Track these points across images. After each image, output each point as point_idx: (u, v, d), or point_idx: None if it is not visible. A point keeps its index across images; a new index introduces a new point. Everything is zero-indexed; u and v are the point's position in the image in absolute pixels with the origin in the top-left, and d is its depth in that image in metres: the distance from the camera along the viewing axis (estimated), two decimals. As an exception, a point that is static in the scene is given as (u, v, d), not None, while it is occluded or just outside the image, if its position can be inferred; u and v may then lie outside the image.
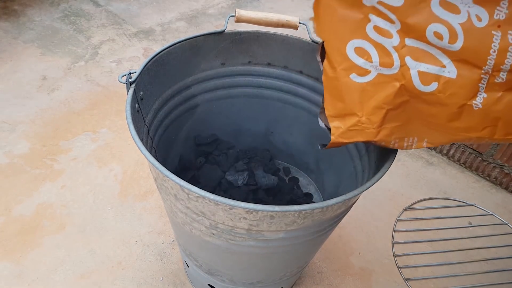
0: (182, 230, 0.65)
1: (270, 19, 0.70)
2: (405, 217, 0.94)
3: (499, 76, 0.43)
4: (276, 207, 0.48)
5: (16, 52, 1.47)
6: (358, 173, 0.75)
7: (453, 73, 0.46)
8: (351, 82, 0.52)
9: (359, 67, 0.51)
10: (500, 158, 1.14)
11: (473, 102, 0.46)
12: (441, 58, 0.46)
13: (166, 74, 0.72)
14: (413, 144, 0.54)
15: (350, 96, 0.52)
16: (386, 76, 0.50)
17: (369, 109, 0.52)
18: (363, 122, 0.53)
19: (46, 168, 1.09)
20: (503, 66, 0.42)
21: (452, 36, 0.44)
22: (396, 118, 0.52)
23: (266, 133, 0.97)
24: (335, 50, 0.51)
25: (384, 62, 0.49)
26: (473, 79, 0.45)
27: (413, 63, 0.47)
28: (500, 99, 0.45)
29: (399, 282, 0.92)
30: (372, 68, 0.50)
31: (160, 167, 0.49)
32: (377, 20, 0.48)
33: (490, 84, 0.44)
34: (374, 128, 0.53)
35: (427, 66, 0.47)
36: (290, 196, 0.90)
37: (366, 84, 0.51)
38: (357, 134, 0.54)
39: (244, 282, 0.73)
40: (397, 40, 0.47)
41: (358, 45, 0.50)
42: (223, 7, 1.91)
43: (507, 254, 0.94)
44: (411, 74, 0.48)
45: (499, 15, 0.41)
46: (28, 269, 0.87)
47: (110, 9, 1.78)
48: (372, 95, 0.51)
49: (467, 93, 0.46)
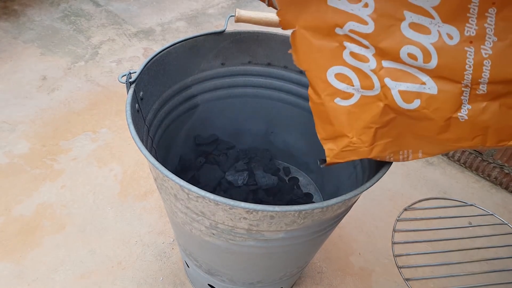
0: (182, 230, 0.65)
1: (270, 19, 0.70)
2: (405, 217, 0.94)
3: (480, 88, 0.44)
4: (276, 207, 0.48)
5: (16, 52, 1.47)
6: (358, 173, 0.75)
7: (433, 89, 0.46)
8: (337, 106, 0.53)
9: (342, 92, 0.52)
10: (500, 158, 1.14)
11: (459, 114, 0.46)
12: (419, 76, 0.46)
13: (166, 74, 0.72)
14: (409, 156, 0.55)
15: (338, 119, 0.54)
16: (369, 97, 0.51)
17: (358, 129, 0.53)
18: (355, 142, 0.54)
19: (46, 168, 1.09)
20: (481, 79, 0.43)
21: (426, 56, 0.44)
22: (387, 135, 0.53)
23: (266, 133, 0.97)
24: (316, 78, 0.52)
25: (365, 85, 0.50)
26: (455, 93, 0.45)
27: (393, 84, 0.48)
28: (486, 109, 0.45)
29: (399, 282, 0.92)
30: (355, 91, 0.51)
31: (160, 167, 0.49)
32: (352, 46, 0.49)
33: (473, 96, 0.45)
34: (366, 147, 0.54)
35: (407, 85, 0.47)
36: (290, 196, 0.90)
37: (351, 106, 0.52)
38: (351, 153, 0.55)
39: (244, 282, 0.73)
40: (374, 64, 0.48)
41: (338, 71, 0.51)
42: (223, 7, 1.91)
43: (507, 254, 0.94)
44: (392, 93, 0.48)
45: (470, 32, 0.41)
46: (28, 269, 0.87)
47: (110, 9, 1.78)
48: (359, 116, 0.52)
49: (451, 107, 0.46)
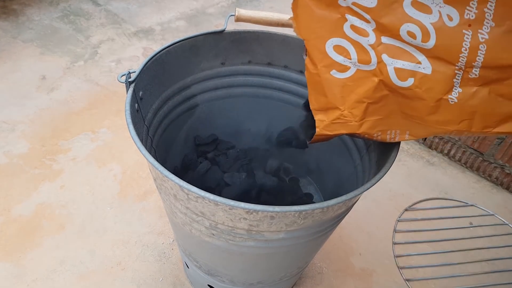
0: (182, 230, 0.65)
1: (270, 19, 0.70)
2: (405, 217, 0.94)
3: (472, 72, 0.45)
4: (276, 207, 0.47)
5: (15, 52, 1.47)
6: (358, 173, 0.75)
7: (428, 69, 0.47)
8: (332, 78, 0.54)
9: (339, 64, 0.52)
10: (501, 158, 1.13)
11: (449, 96, 0.47)
12: (416, 55, 0.47)
13: (165, 73, 0.72)
14: (396, 137, 0.56)
15: (331, 91, 0.54)
16: (365, 72, 0.52)
17: (350, 103, 0.54)
18: (346, 115, 0.55)
19: (45, 168, 1.08)
20: (474, 63, 0.44)
21: (424, 35, 0.45)
22: (377, 112, 0.54)
23: (266, 133, 0.97)
24: (315, 48, 0.53)
25: (362, 59, 0.51)
26: (448, 74, 0.46)
27: (390, 60, 0.49)
28: (475, 94, 0.46)
29: (400, 282, 0.91)
30: (351, 64, 0.52)
31: (160, 167, 0.49)
32: (353, 19, 0.49)
33: (465, 80, 0.46)
34: (356, 121, 0.55)
35: (403, 63, 0.48)
36: (290, 196, 0.90)
37: (346, 79, 0.53)
38: (341, 126, 0.56)
39: (244, 283, 0.73)
40: (373, 39, 0.49)
41: (337, 43, 0.52)
42: (223, 6, 1.91)
43: (508, 254, 0.94)
44: (388, 70, 0.49)
45: (469, 15, 0.42)
46: (28, 269, 0.87)
47: (109, 9, 1.78)
48: (353, 90, 0.53)
49: (443, 88, 0.47)
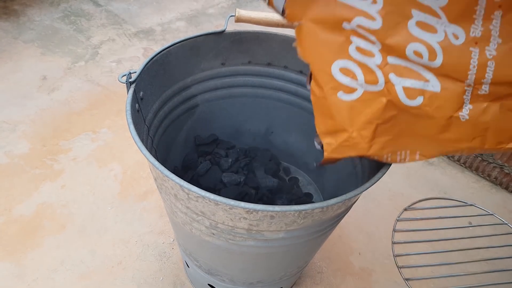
0: (182, 230, 0.65)
1: (270, 19, 0.70)
2: (405, 217, 0.94)
3: (482, 88, 0.45)
4: (276, 207, 0.48)
5: (16, 52, 1.47)
6: (358, 173, 0.75)
7: (437, 87, 0.47)
8: (339, 100, 0.53)
9: (345, 86, 0.52)
10: (500, 158, 1.13)
11: (460, 113, 0.47)
12: (423, 73, 0.47)
13: (166, 74, 0.72)
14: (406, 158, 0.55)
15: (339, 113, 0.53)
16: (373, 93, 0.51)
17: (359, 124, 0.53)
18: (354, 137, 0.54)
19: (46, 168, 1.09)
20: (484, 79, 0.44)
21: (431, 54, 0.45)
22: (387, 132, 0.53)
23: (266, 133, 0.97)
24: (320, 71, 0.52)
25: (369, 80, 0.50)
26: (457, 92, 0.46)
27: (397, 79, 0.48)
28: (486, 110, 0.46)
29: (399, 282, 0.92)
30: (358, 86, 0.51)
31: (160, 167, 0.49)
32: (358, 41, 0.49)
33: (475, 96, 0.46)
34: (365, 143, 0.54)
35: (411, 82, 0.48)
36: (290, 196, 0.90)
37: (354, 101, 0.52)
38: (349, 149, 0.55)
39: (244, 282, 0.73)
40: (379, 59, 0.49)
41: (343, 66, 0.51)
42: (223, 7, 1.91)
43: (507, 254, 0.94)
44: (396, 89, 0.49)
45: (475, 32, 0.42)
46: (28, 269, 0.87)
47: (110, 9, 1.78)
48: (361, 111, 0.52)
49: (453, 106, 0.47)
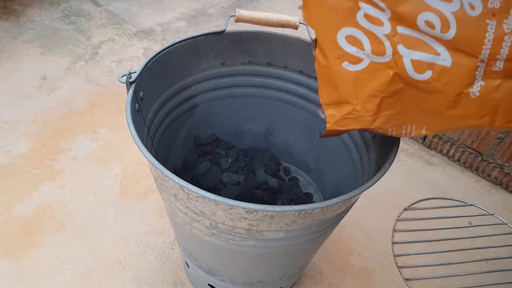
0: (182, 230, 0.65)
1: (270, 19, 0.70)
2: (405, 217, 0.94)
3: (496, 65, 0.42)
4: (276, 207, 0.48)
5: (16, 52, 1.47)
6: (358, 173, 0.75)
7: (447, 61, 0.44)
8: (344, 70, 0.50)
9: (351, 55, 0.49)
10: (500, 158, 1.13)
11: (470, 90, 0.45)
12: (434, 46, 0.44)
13: (166, 74, 0.72)
14: (412, 132, 0.53)
15: (343, 84, 0.51)
16: (379, 64, 0.49)
17: (363, 97, 0.51)
18: (358, 110, 0.52)
19: (46, 168, 1.09)
20: (498, 55, 0.41)
21: (444, 25, 0.42)
22: (392, 106, 0.51)
23: (266, 133, 0.97)
24: (326, 39, 0.50)
25: (376, 50, 0.48)
26: (469, 67, 0.43)
27: (406, 51, 0.46)
28: (499, 87, 0.44)
29: (399, 282, 0.92)
30: (365, 56, 0.49)
31: (160, 167, 0.49)
32: (367, 8, 0.46)
33: (487, 72, 0.43)
34: (369, 116, 0.52)
35: (420, 54, 0.45)
36: (290, 196, 0.90)
37: (359, 72, 0.50)
38: (353, 122, 0.53)
39: (244, 282, 0.73)
40: (388, 28, 0.46)
41: (349, 33, 0.48)
42: (223, 7, 1.91)
43: (507, 254, 0.94)
44: (404, 62, 0.46)
45: (493, 3, 0.39)
46: (28, 269, 0.87)
47: (110, 9, 1.78)
48: (366, 83, 0.50)
49: (464, 81, 0.44)
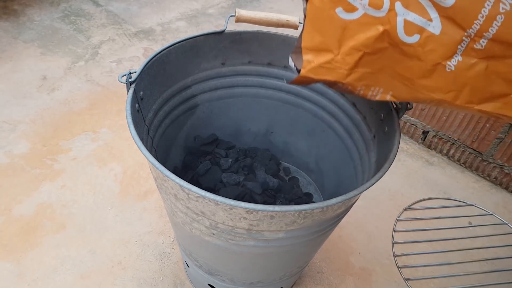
0: (182, 230, 0.65)
1: (270, 19, 0.70)
2: (405, 217, 0.94)
3: (479, 42, 0.44)
4: (276, 207, 0.48)
5: (16, 52, 1.47)
6: (358, 173, 0.75)
7: (437, 29, 0.46)
8: (336, 16, 0.50)
9: (347, 2, 0.49)
10: (500, 158, 1.14)
11: (448, 63, 0.46)
12: (430, 11, 0.45)
13: (166, 74, 0.72)
14: (378, 95, 0.54)
15: (331, 31, 0.51)
16: (372, 18, 0.49)
17: (346, 48, 0.51)
18: (337, 61, 0.52)
19: (46, 168, 1.09)
20: (486, 33, 0.43)
21: None
22: (370, 64, 0.52)
23: (266, 133, 0.97)
24: None
25: (373, 2, 0.48)
26: (455, 39, 0.45)
27: (402, 10, 0.47)
28: (473, 66, 0.46)
29: (399, 282, 0.92)
30: (360, 6, 0.49)
31: (160, 167, 0.49)
32: None
33: (468, 49, 0.45)
34: (346, 70, 0.52)
35: (414, 16, 0.46)
36: (290, 196, 0.90)
37: (349, 22, 0.50)
38: (328, 72, 0.53)
39: (244, 282, 0.73)
40: None
41: None
42: (223, 7, 1.91)
43: (507, 254, 0.94)
44: (397, 21, 0.47)
45: None
46: (28, 269, 0.87)
47: (110, 9, 1.78)
48: (353, 35, 0.50)
49: (445, 53, 0.46)
